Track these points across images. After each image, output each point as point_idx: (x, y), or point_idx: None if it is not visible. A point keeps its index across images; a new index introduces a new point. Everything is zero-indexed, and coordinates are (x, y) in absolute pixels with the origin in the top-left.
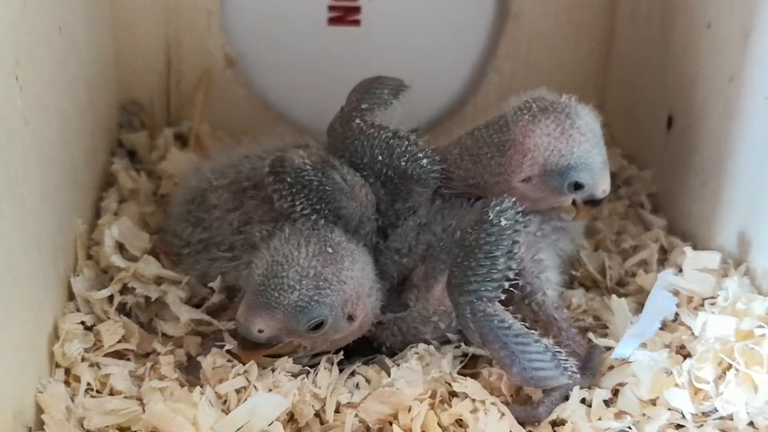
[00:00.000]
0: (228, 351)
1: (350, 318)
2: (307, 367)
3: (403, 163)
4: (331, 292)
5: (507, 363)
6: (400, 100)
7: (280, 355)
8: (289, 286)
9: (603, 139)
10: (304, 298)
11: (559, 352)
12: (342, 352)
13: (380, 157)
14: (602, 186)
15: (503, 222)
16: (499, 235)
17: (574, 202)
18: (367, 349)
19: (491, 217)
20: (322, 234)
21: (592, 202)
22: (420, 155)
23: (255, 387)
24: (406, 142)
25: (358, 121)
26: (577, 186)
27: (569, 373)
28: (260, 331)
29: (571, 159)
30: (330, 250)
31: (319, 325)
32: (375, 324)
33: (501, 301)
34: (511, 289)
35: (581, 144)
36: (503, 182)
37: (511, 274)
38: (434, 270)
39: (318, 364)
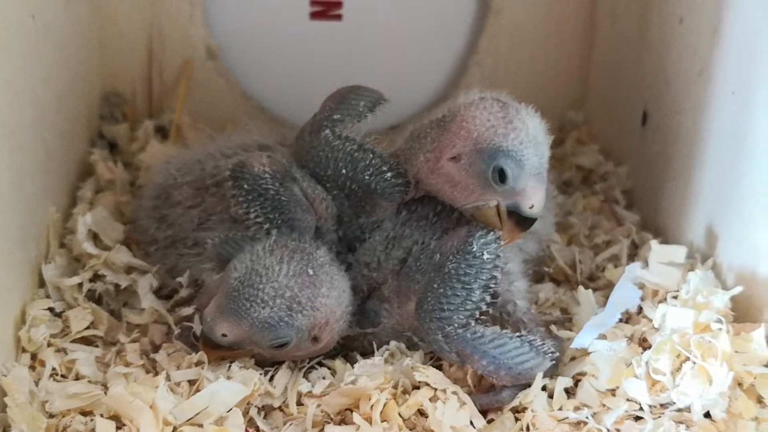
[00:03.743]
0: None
1: (315, 339)
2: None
3: (366, 177)
4: (302, 317)
5: (493, 369)
6: (375, 113)
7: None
8: (263, 300)
9: (544, 154)
10: (274, 317)
11: (533, 339)
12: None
13: (344, 171)
14: (530, 198)
15: (486, 255)
16: (480, 267)
17: (498, 213)
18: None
19: (474, 249)
20: (306, 252)
21: (518, 220)
22: (384, 168)
23: (207, 378)
24: (371, 155)
25: (327, 131)
26: (502, 176)
27: (550, 354)
28: (223, 335)
29: (504, 142)
30: (311, 272)
31: (282, 345)
32: (344, 337)
33: None
34: (481, 317)
35: (519, 134)
36: (433, 159)
37: (484, 306)
38: (408, 289)
39: (282, 363)
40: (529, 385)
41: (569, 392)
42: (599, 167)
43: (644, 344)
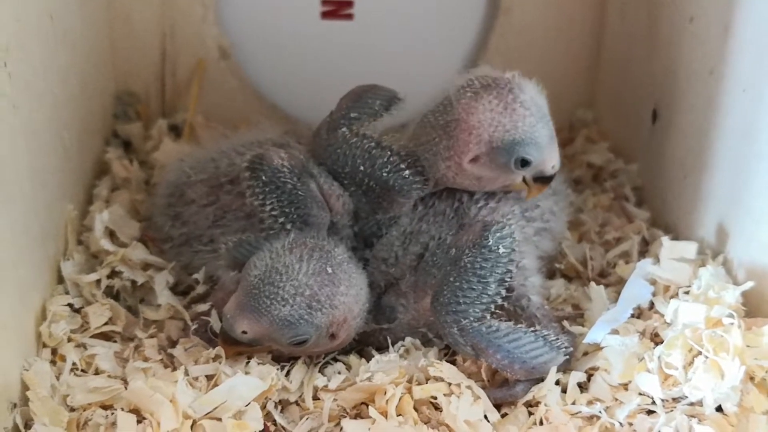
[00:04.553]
0: (206, 335)
1: (332, 336)
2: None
3: (384, 174)
4: (321, 315)
5: (507, 363)
6: (391, 112)
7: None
8: (283, 298)
9: (549, 114)
10: (294, 315)
11: (547, 334)
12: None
13: (362, 168)
14: (551, 161)
15: (501, 249)
16: (496, 261)
17: (524, 180)
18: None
19: (490, 243)
20: (325, 250)
21: (543, 180)
22: (402, 166)
23: (224, 373)
24: (389, 153)
25: (344, 129)
26: (525, 162)
27: (564, 349)
28: (243, 332)
29: (516, 134)
30: (330, 270)
31: (301, 342)
32: (359, 333)
33: None
34: (496, 312)
35: (525, 118)
36: (455, 165)
37: (499, 300)
38: (425, 284)
39: (298, 358)
40: (542, 380)
41: (582, 387)
42: (609, 165)
43: (656, 339)
